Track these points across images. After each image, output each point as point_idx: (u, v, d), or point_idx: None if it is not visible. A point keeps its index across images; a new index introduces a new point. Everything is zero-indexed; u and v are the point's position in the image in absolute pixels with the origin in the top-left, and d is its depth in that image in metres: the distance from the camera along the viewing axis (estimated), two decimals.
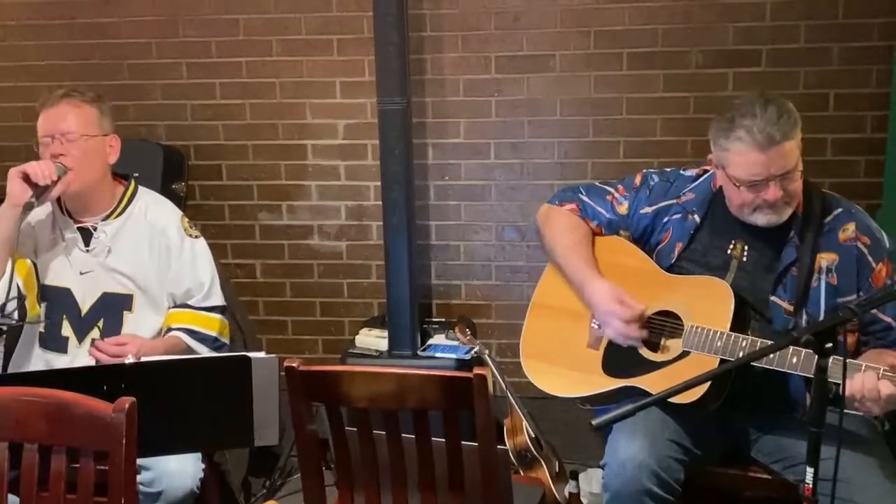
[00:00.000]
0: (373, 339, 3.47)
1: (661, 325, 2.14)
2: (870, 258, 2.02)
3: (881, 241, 2.06)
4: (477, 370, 1.70)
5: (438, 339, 3.51)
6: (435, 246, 3.79)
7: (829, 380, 1.53)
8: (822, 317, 2.01)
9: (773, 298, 2.05)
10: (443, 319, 3.71)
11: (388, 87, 3.28)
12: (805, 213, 2.05)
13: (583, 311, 2.26)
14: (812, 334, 1.40)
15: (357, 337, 3.52)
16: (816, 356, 1.44)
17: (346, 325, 3.84)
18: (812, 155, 3.51)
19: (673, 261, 2.18)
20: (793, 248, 2.04)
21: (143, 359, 2.04)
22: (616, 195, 2.29)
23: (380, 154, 3.39)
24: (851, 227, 2.04)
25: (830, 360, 1.65)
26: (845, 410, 1.77)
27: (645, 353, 2.14)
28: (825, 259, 2.03)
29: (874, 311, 2.01)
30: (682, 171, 2.26)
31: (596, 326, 2.23)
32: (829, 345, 1.41)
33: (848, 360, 1.76)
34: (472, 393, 1.68)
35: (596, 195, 2.31)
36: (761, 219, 2.03)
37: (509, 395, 2.82)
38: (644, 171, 2.31)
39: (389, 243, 3.41)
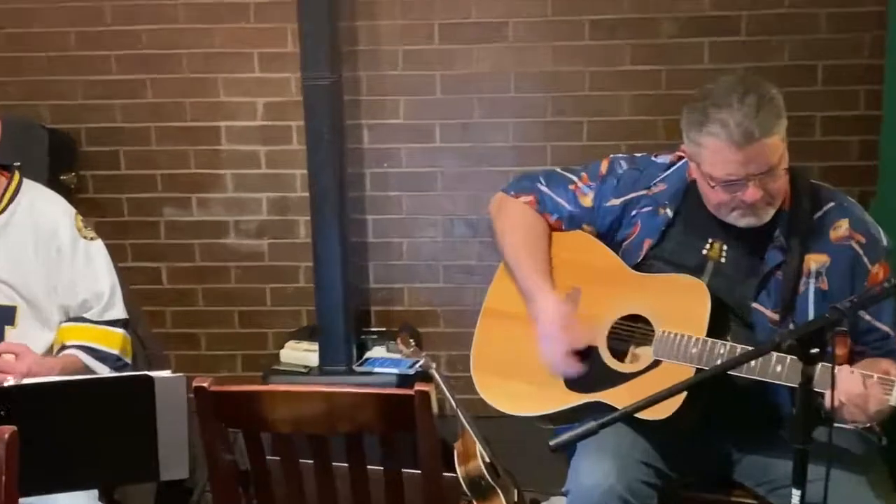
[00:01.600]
0: (301, 354, 3.45)
1: (630, 332, 2.16)
2: (865, 259, 2.04)
3: (878, 239, 2.07)
4: (419, 386, 1.70)
5: (378, 351, 3.50)
6: (373, 244, 3.77)
7: (816, 389, 1.55)
8: None
9: (755, 305, 2.07)
10: (383, 329, 3.69)
11: (315, 60, 3.25)
12: (792, 210, 2.06)
13: None
14: (796, 339, 1.43)
15: (282, 351, 3.49)
16: (801, 363, 1.46)
17: (269, 338, 3.80)
18: (798, 135, 3.58)
19: (640, 259, 2.19)
20: (778, 250, 2.06)
21: (27, 380, 1.98)
22: (580, 185, 2.30)
23: (306, 137, 3.36)
24: (844, 224, 2.06)
25: (818, 367, 1.69)
26: (836, 424, 1.81)
27: (611, 363, 2.15)
28: (815, 261, 2.04)
29: (869, 318, 2.04)
30: (653, 158, 2.27)
31: None
32: (816, 350, 1.44)
33: (840, 367, 1.81)
34: (413, 412, 1.68)
35: (557, 184, 2.32)
36: (740, 220, 2.04)
37: (460, 414, 2.82)
38: (611, 156, 2.32)
39: (319, 241, 3.39)
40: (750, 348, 1.92)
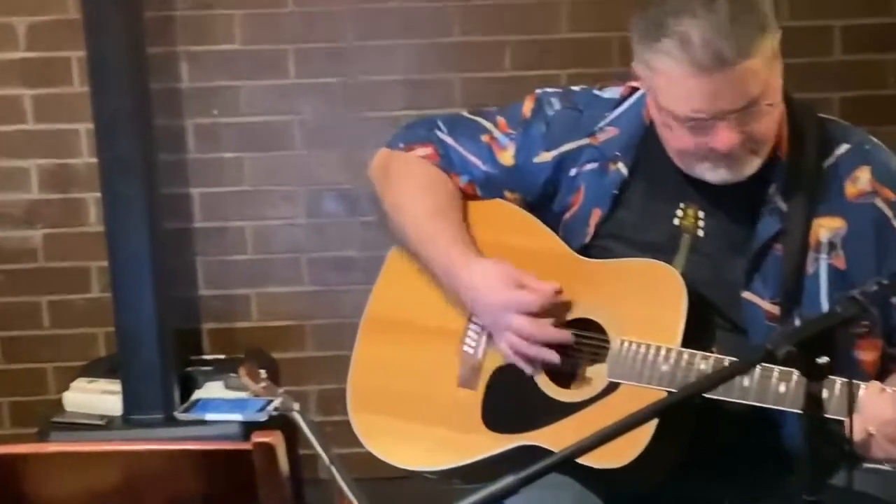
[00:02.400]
0: (96, 398, 3.43)
1: (576, 344, 2.18)
2: (895, 223, 2.07)
3: None
4: (261, 436, 1.70)
5: (212, 390, 3.50)
6: (201, 231, 3.77)
7: (829, 416, 1.58)
8: None
9: (746, 295, 2.09)
10: (220, 357, 3.69)
11: None
12: (791, 156, 2.08)
13: (448, 326, 2.27)
14: (795, 343, 1.45)
15: (67, 395, 3.47)
16: (805, 379, 1.50)
17: (48, 376, 3.78)
18: (809, 54, 3.72)
19: (588, 238, 2.22)
20: (774, 215, 2.08)
21: None
22: (496, 134, 2.31)
23: (89, 75, 3.34)
24: (865, 173, 2.08)
25: (836, 385, 1.72)
26: (864, 465, 1.87)
27: (550, 390, 2.15)
28: (826, 228, 2.07)
29: None
30: (596, 92, 2.28)
31: (471, 350, 2.26)
32: (824, 360, 1.47)
33: (856, 383, 1.84)
34: (252, 475, 1.69)
35: (464, 134, 2.33)
36: (710, 174, 2.06)
37: (337, 475, 2.82)
38: (538, 92, 2.33)
39: (115, 230, 3.39)
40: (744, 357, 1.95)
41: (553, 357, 2.15)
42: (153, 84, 3.51)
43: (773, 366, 1.89)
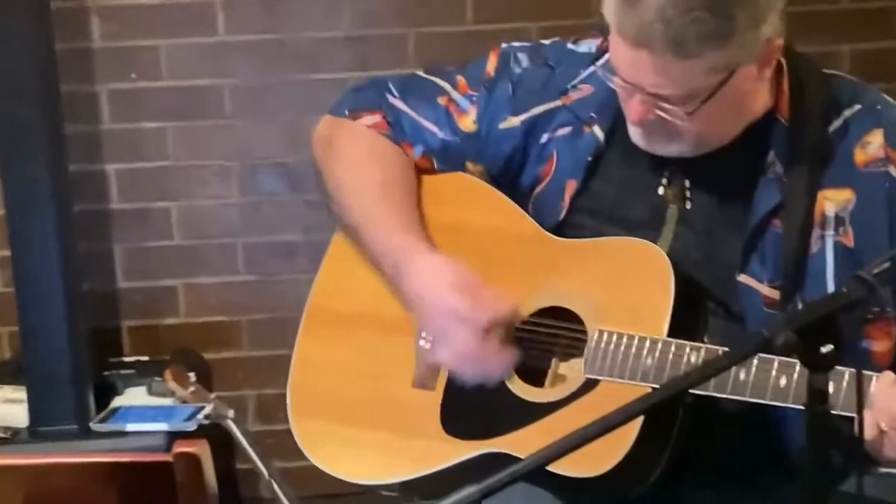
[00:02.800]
0: None
1: (549, 336, 2.19)
2: None
3: None
4: (183, 447, 1.70)
5: (134, 396, 3.50)
6: (119, 213, 3.77)
7: (837, 412, 1.58)
8: None
9: (742, 278, 2.10)
10: (142, 359, 3.69)
11: None
12: (793, 119, 2.10)
13: (402, 319, 2.25)
14: (795, 330, 1.46)
15: None
16: (806, 370, 1.50)
17: None
18: (814, 2, 3.74)
19: (563, 214, 2.23)
20: (773, 186, 2.10)
21: None
22: (455, 96, 2.31)
23: None
24: (877, 137, 2.08)
25: (845, 377, 1.70)
26: (877, 469, 1.88)
27: (518, 388, 2.15)
28: (832, 201, 2.08)
29: None
30: (570, 46, 2.30)
31: (428, 345, 2.24)
32: (828, 348, 1.48)
33: (866, 374, 1.84)
34: (174, 490, 1.69)
35: (419, 97, 2.33)
36: (634, 134, 2.12)
37: (279, 492, 2.83)
38: (503, 46, 2.34)
39: (15, 213, 3.37)
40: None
41: (499, 376, 2.16)
42: (59, 44, 3.48)
43: (771, 356, 1.89)
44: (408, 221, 2.26)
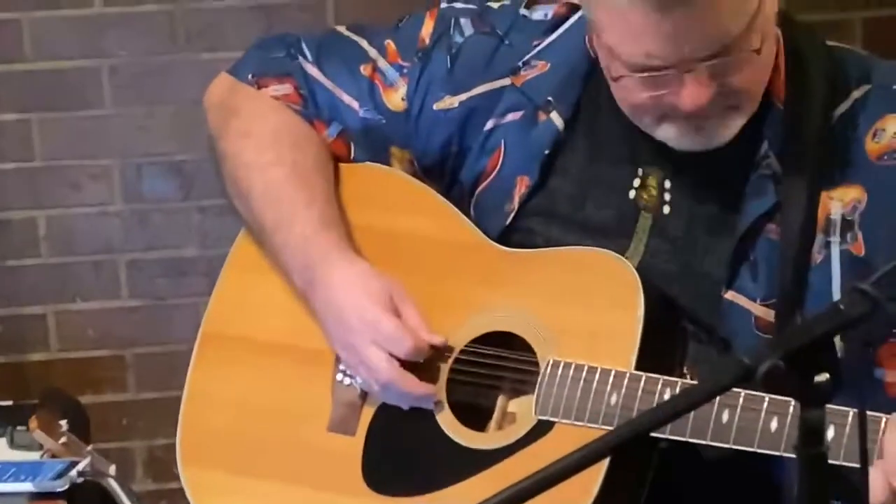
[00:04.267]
0: None
1: (493, 367, 2.21)
2: None
3: None
4: None
5: None
6: None
7: (834, 462, 1.58)
8: None
9: (730, 295, 2.12)
10: (5, 403, 3.60)
11: None
12: (791, 103, 2.12)
13: (316, 346, 2.28)
14: (783, 356, 1.45)
15: None
16: (798, 404, 1.49)
17: None
18: None
19: (509, 218, 2.25)
20: (768, 182, 2.12)
21: None
22: (381, 64, 2.34)
23: None
24: (892, 123, 2.10)
25: (847, 418, 1.70)
26: None
27: (457, 433, 2.17)
28: (839, 201, 2.10)
29: None
30: (523, 11, 2.31)
31: (346, 380, 2.26)
32: (824, 377, 1.47)
33: (873, 416, 1.84)
34: None
35: (337, 62, 2.36)
36: (675, 140, 2.08)
37: None
38: (443, 6, 2.35)
39: None
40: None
41: (427, 403, 2.18)
42: None
43: (761, 394, 1.91)
44: (326, 218, 2.27)
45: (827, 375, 1.47)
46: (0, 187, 3.78)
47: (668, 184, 2.17)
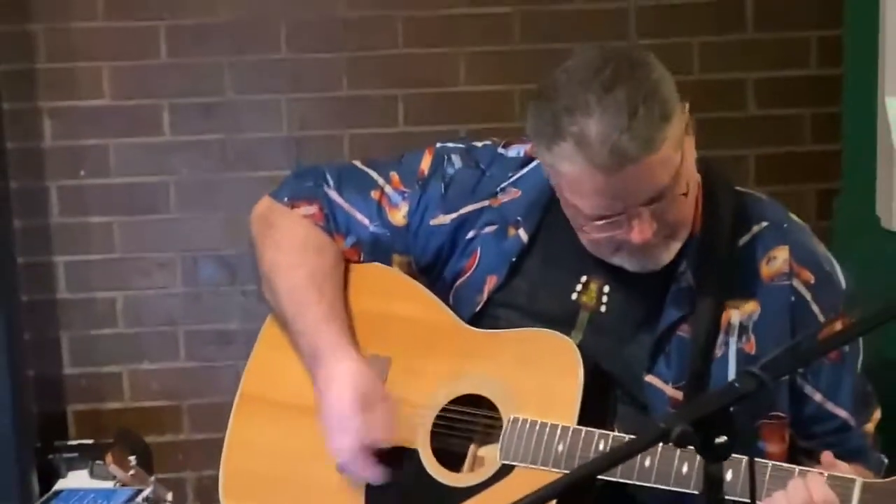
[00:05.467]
0: None
1: (467, 422, 2.18)
2: (815, 307, 2.09)
3: (833, 277, 2.13)
4: None
5: (77, 479, 3.45)
6: (66, 303, 3.72)
7: (731, 498, 1.56)
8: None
9: (649, 378, 2.11)
10: (86, 442, 3.62)
11: None
12: (704, 233, 2.11)
13: None
14: (691, 422, 1.45)
15: None
16: (703, 459, 1.49)
17: None
18: (723, 109, 3.78)
19: (479, 307, 2.22)
20: (683, 294, 2.11)
21: None
22: (388, 190, 2.33)
23: None
24: (783, 253, 2.11)
25: (741, 465, 1.69)
26: None
27: (438, 473, 2.16)
28: (738, 311, 2.10)
29: (820, 398, 2.09)
30: (501, 150, 2.31)
31: None
32: (722, 439, 1.47)
33: (771, 464, 1.85)
34: None
35: (353, 189, 2.34)
36: (628, 264, 2.09)
37: None
38: (438, 146, 2.36)
39: None
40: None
41: (366, 480, 2.20)
42: (10, 143, 3.49)
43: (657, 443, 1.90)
44: (333, 313, 2.27)
45: (725, 437, 1.47)
46: (88, 273, 3.73)
47: (606, 289, 2.16)
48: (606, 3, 3.59)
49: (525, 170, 2.27)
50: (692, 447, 1.48)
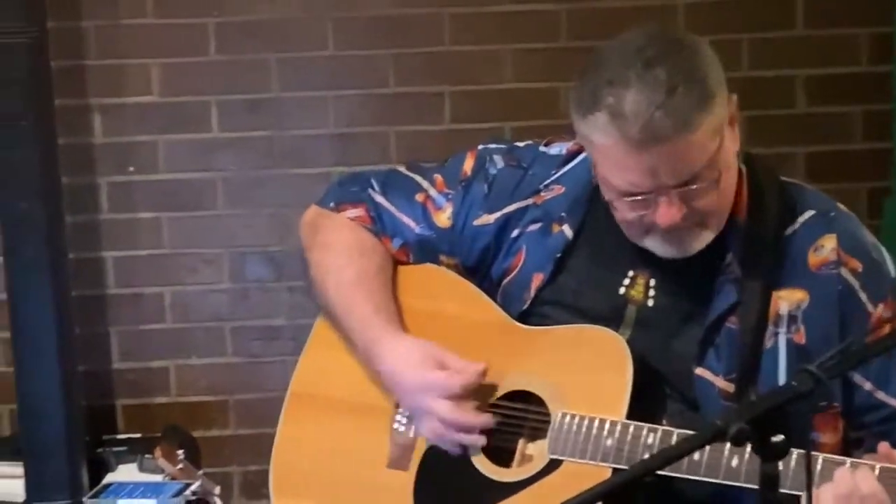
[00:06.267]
0: None
1: (515, 419, 2.17)
2: (863, 296, 2.07)
3: (883, 265, 2.11)
4: None
5: (126, 472, 3.47)
6: (115, 298, 3.75)
7: (786, 491, 1.56)
8: None
9: (699, 371, 2.10)
10: (135, 436, 3.66)
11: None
12: (751, 224, 2.10)
13: (377, 402, 2.27)
14: (748, 420, 1.44)
15: None
16: (759, 458, 1.48)
17: None
18: (772, 106, 3.76)
19: (527, 304, 2.22)
20: (731, 285, 2.09)
21: None
22: (432, 193, 2.33)
23: None
24: (831, 242, 2.09)
25: (792, 461, 1.68)
26: None
27: (486, 468, 2.15)
28: (786, 300, 2.08)
29: (870, 387, 2.06)
30: (542, 148, 2.31)
31: (401, 427, 2.24)
32: (779, 438, 1.46)
33: (820, 456, 1.83)
34: None
35: (398, 193, 2.34)
36: (658, 248, 2.08)
37: None
38: (480, 147, 2.34)
39: (17, 298, 3.36)
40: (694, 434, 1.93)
41: (477, 442, 2.16)
42: (62, 139, 3.51)
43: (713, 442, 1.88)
44: (381, 306, 2.27)
45: (781, 436, 1.46)
46: (136, 269, 3.75)
47: (653, 282, 2.15)
48: (655, 0, 3.58)
49: (568, 167, 2.26)
50: (741, 445, 1.48)
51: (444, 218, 2.30)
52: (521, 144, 2.33)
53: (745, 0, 3.61)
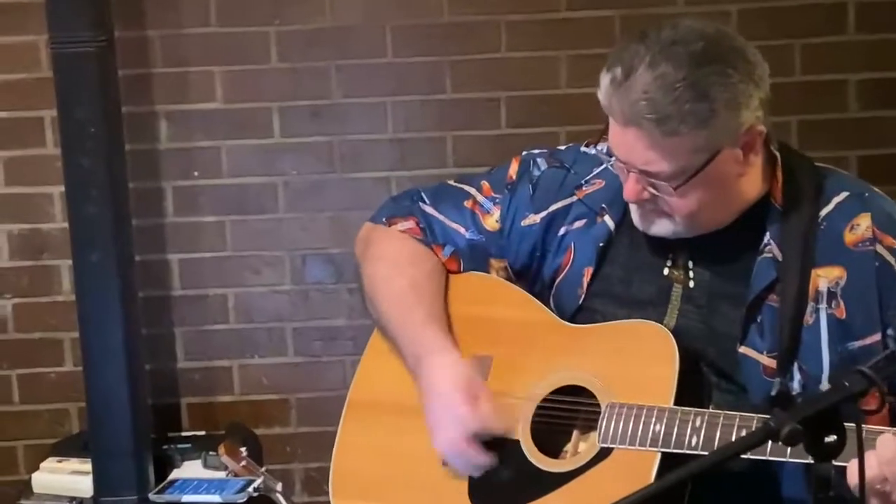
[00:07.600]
0: (66, 479, 3.43)
1: (567, 412, 2.20)
2: None
3: None
4: None
5: (190, 469, 3.50)
6: (180, 299, 3.78)
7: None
8: (825, 374, 2.07)
9: (743, 350, 2.12)
10: (199, 433, 3.69)
11: (70, 12, 3.26)
12: (787, 204, 2.13)
13: None
14: (800, 420, 1.44)
15: (36, 475, 3.47)
16: (810, 457, 1.48)
17: (18, 455, 3.78)
18: (824, 111, 3.74)
19: (581, 300, 2.25)
20: (770, 263, 2.12)
21: None
22: (479, 199, 2.36)
23: (60, 135, 3.36)
24: (865, 220, 2.12)
25: (849, 465, 1.70)
26: None
27: (539, 460, 2.17)
28: (825, 277, 2.10)
29: None
30: (583, 149, 2.34)
31: None
32: (832, 438, 1.46)
33: (866, 428, 1.80)
34: None
35: (447, 202, 2.38)
36: (633, 214, 2.16)
37: None
38: (523, 153, 2.39)
39: (86, 299, 3.38)
40: (738, 414, 1.98)
41: (474, 471, 2.20)
42: (129, 145, 3.55)
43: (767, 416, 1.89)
44: (432, 317, 2.30)
45: (835, 437, 1.46)
46: (200, 271, 3.78)
47: (691, 264, 2.18)
48: (708, 6, 3.56)
49: (605, 164, 2.26)
50: (796, 445, 1.48)
51: (492, 221, 2.34)
52: (562, 147, 2.40)
53: (797, 6, 3.60)
